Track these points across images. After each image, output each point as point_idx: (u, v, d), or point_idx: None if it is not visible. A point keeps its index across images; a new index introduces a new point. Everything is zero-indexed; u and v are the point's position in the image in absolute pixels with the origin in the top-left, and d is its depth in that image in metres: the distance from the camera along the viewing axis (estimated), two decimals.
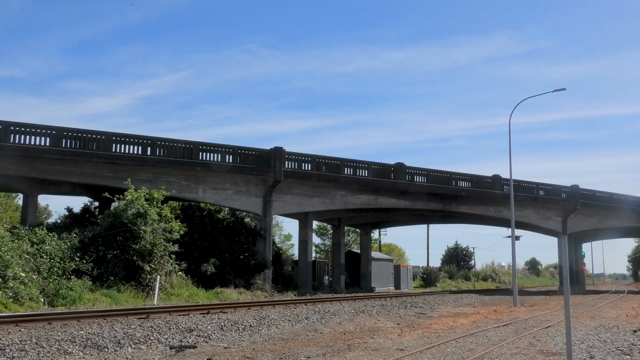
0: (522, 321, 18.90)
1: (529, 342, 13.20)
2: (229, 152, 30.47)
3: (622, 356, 11.19)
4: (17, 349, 9.95)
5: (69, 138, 25.90)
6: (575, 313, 22.11)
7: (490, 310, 24.17)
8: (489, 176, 42.65)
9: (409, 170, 37.96)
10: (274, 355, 10.91)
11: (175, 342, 12.22)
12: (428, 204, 40.37)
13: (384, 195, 37.48)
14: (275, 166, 31.36)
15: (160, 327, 13.06)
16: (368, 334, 14.69)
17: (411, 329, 16.18)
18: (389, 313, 21.60)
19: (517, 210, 41.76)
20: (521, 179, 44.70)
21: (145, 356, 10.60)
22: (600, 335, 14.56)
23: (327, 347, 12.01)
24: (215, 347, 11.91)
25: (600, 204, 49.08)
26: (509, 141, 31.29)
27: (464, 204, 42.34)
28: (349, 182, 34.88)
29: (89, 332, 11.57)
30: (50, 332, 11.32)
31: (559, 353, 11.49)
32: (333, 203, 34.79)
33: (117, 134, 27.44)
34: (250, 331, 14.46)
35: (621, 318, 20.27)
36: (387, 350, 11.69)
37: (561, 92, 30.97)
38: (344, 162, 34.87)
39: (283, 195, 32.88)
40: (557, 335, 14.52)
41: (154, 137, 28.40)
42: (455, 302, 29.99)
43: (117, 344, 11.34)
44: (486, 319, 19.98)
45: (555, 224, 47.89)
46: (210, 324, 14.24)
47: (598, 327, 16.75)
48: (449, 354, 11.33)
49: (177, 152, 28.72)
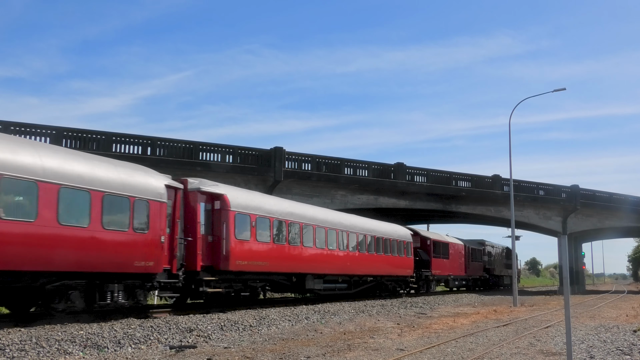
0: (522, 321, 18.90)
1: (529, 342, 13.20)
2: (229, 152, 30.48)
3: (622, 356, 11.20)
4: (17, 349, 9.94)
5: (69, 138, 25.90)
6: (575, 313, 22.11)
7: (490, 310, 24.17)
8: (489, 176, 42.67)
9: (409, 170, 37.97)
10: (274, 355, 10.91)
11: (175, 342, 12.22)
12: (428, 204, 40.38)
13: (383, 195, 37.49)
14: (275, 166, 31.37)
15: (160, 327, 13.05)
16: (368, 334, 14.69)
17: (411, 329, 16.18)
18: (389, 313, 21.60)
19: (517, 210, 41.76)
20: (521, 179, 44.74)
21: (145, 356, 10.60)
22: (600, 335, 14.56)
23: (327, 347, 12.01)
24: (215, 347, 11.92)
25: (600, 204, 49.09)
26: (509, 141, 31.30)
27: (464, 204, 42.34)
28: (349, 182, 34.89)
29: (89, 332, 11.56)
30: (50, 332, 11.31)
31: (559, 353, 11.49)
32: (333, 203, 34.80)
33: (117, 133, 27.45)
34: (250, 331, 14.47)
35: (621, 318, 20.28)
36: (387, 350, 11.69)
37: (562, 92, 30.97)
38: (344, 162, 34.89)
39: (283, 195, 32.84)
40: (557, 335, 14.52)
41: (154, 137, 28.40)
42: (455, 302, 29.99)
43: (117, 344, 11.33)
44: (486, 318, 19.98)
45: (555, 224, 47.89)
46: (210, 323, 14.23)
47: (598, 327, 16.75)
48: (449, 354, 11.33)
49: (177, 152, 28.73)
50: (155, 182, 15.42)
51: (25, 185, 11.93)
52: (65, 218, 12.53)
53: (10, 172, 11.65)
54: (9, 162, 11.70)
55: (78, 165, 13.37)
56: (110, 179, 13.94)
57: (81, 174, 13.20)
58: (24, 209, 11.93)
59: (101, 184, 13.57)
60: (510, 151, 31.42)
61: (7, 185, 11.59)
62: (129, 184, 14.45)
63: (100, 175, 13.69)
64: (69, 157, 13.60)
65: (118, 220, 13.94)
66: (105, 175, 13.86)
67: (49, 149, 13.51)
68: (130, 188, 14.40)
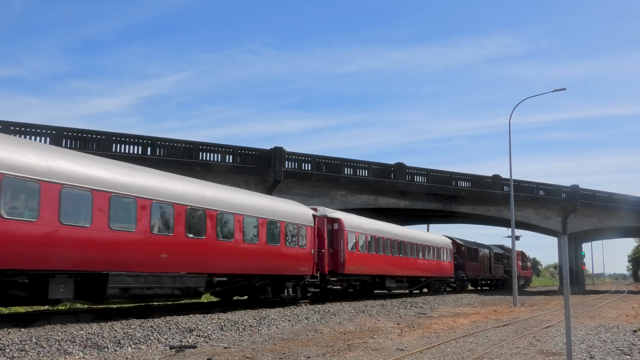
0: (522, 321, 18.90)
1: (529, 342, 13.20)
2: (229, 152, 30.47)
3: (622, 356, 11.20)
4: (17, 349, 9.94)
5: (69, 138, 25.89)
6: (575, 313, 22.11)
7: (490, 310, 24.17)
8: (489, 176, 42.66)
9: (408, 170, 37.96)
10: (274, 355, 10.91)
11: (175, 342, 12.22)
12: (428, 204, 40.37)
13: (383, 195, 37.48)
14: (275, 166, 31.36)
15: (160, 326, 13.05)
16: (368, 334, 14.69)
17: (411, 329, 16.18)
18: (389, 313, 21.60)
19: (517, 210, 41.76)
20: (521, 179, 44.73)
21: (145, 356, 10.60)
22: (600, 335, 14.56)
23: (327, 347, 12.01)
24: (215, 347, 11.91)
25: (600, 204, 49.07)
26: (509, 141, 31.30)
27: (464, 204, 42.33)
28: (349, 182, 34.88)
29: (89, 332, 11.56)
30: (50, 332, 11.31)
31: (559, 353, 11.49)
32: (333, 203, 34.78)
33: (117, 133, 27.44)
34: (250, 331, 14.47)
35: (621, 318, 20.28)
36: (387, 350, 11.69)
37: (563, 92, 30.98)
38: (343, 162, 34.88)
39: (283, 195, 32.83)
40: (557, 335, 14.52)
41: (154, 137, 28.40)
42: (455, 302, 29.99)
43: (117, 344, 11.33)
44: (486, 319, 19.99)
45: (555, 224, 47.89)
46: (210, 323, 14.23)
47: (598, 327, 16.75)
48: (449, 354, 11.33)
49: (177, 152, 28.72)
50: (307, 212, 22.64)
51: (252, 220, 18.80)
52: (269, 241, 19.43)
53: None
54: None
55: (271, 201, 21.07)
56: (289, 212, 21.13)
57: (277, 209, 20.43)
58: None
59: (286, 216, 20.69)
60: (510, 151, 31.45)
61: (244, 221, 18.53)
62: (298, 214, 21.64)
63: (284, 210, 20.93)
64: (264, 199, 21.02)
65: (294, 240, 21.02)
66: (284, 208, 21.02)
67: (248, 194, 20.46)
68: (299, 218, 21.58)
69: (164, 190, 15.27)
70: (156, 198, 14.80)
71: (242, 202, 18.59)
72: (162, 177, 16.01)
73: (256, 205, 19.34)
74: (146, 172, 15.64)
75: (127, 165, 15.76)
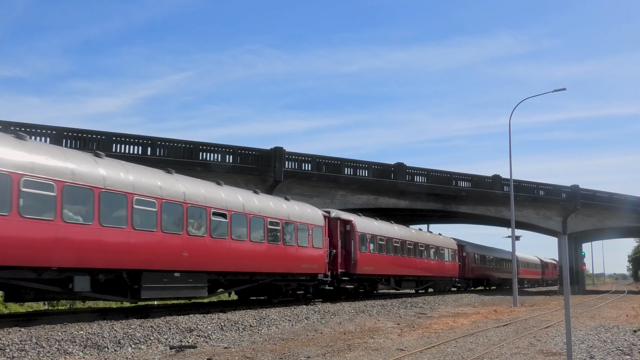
0: (522, 321, 18.90)
1: (529, 342, 13.19)
2: (229, 152, 30.45)
3: (622, 356, 11.19)
4: (17, 349, 9.94)
5: (69, 138, 25.86)
6: (575, 313, 22.11)
7: (490, 310, 24.16)
8: (489, 176, 42.65)
9: (409, 170, 37.95)
10: (274, 355, 10.91)
11: (175, 342, 12.22)
12: (428, 204, 40.37)
13: (383, 195, 37.47)
14: (275, 166, 31.35)
15: (160, 327, 13.05)
16: (368, 334, 14.69)
17: (411, 329, 16.18)
18: (389, 313, 21.60)
19: (517, 210, 41.74)
20: (521, 179, 44.72)
21: (145, 356, 10.60)
22: (600, 335, 14.56)
23: (327, 347, 12.01)
24: (215, 347, 11.91)
25: (600, 204, 49.05)
26: (509, 141, 31.31)
27: (464, 204, 42.33)
28: (349, 182, 34.87)
29: (89, 332, 11.55)
30: (50, 332, 11.30)
31: (559, 353, 11.49)
32: (333, 203, 34.78)
33: (117, 134, 27.42)
34: (250, 331, 14.46)
35: (621, 318, 20.27)
36: (387, 350, 11.69)
37: (563, 92, 31.03)
38: (344, 162, 34.87)
39: (283, 195, 32.85)
40: (557, 335, 14.51)
41: (154, 137, 28.37)
42: (455, 302, 29.98)
43: (117, 344, 11.33)
44: (486, 319, 19.98)
45: (555, 224, 47.88)
46: (210, 323, 14.23)
47: (598, 327, 16.74)
48: (449, 354, 11.33)
49: (177, 152, 28.69)
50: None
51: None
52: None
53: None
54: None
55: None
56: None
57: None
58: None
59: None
60: (511, 151, 31.45)
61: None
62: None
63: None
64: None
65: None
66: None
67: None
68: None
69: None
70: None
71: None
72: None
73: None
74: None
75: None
